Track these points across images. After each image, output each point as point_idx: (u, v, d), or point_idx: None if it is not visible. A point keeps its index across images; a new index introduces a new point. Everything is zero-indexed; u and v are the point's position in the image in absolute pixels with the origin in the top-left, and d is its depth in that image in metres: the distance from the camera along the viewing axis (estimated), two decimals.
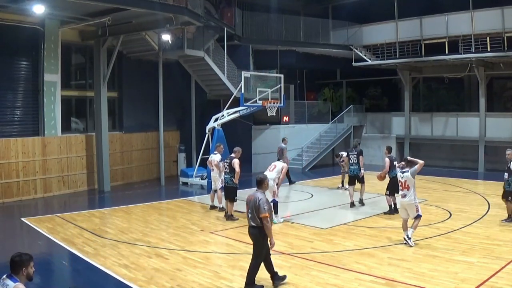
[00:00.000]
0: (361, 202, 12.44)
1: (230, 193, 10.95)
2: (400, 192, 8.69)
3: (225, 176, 11.04)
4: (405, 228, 8.64)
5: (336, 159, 15.86)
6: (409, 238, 8.50)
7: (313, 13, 22.66)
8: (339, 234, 9.55)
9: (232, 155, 11.10)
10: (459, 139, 20.00)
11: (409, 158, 9.00)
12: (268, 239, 6.39)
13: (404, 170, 8.69)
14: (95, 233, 9.88)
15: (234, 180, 10.84)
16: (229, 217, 10.98)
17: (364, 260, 7.79)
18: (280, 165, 10.92)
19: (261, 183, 6.61)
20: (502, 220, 10.15)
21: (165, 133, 17.77)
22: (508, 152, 10.03)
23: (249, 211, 6.45)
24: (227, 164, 10.97)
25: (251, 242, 6.62)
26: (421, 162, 8.57)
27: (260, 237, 6.37)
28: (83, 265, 7.84)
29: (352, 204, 12.17)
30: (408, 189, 8.50)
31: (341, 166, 15.32)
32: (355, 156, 12.32)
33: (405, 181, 8.53)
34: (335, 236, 9.27)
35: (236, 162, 10.84)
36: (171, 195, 15.09)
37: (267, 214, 6.25)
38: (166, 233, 9.91)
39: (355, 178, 12.38)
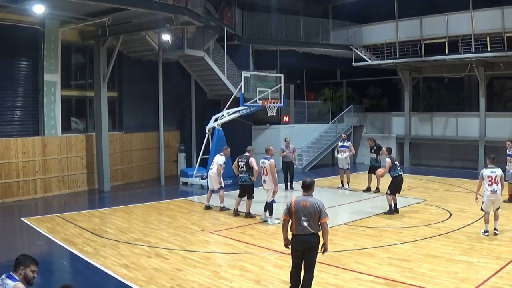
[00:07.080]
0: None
1: (248, 192, 11.12)
2: (489, 188, 9.10)
3: (242, 175, 11.16)
4: (489, 221, 9.12)
5: (336, 155, 15.81)
6: (496, 229, 9.14)
7: (313, 13, 22.64)
8: (339, 234, 9.53)
9: (247, 154, 11.24)
10: (459, 139, 19.99)
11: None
12: (321, 244, 5.98)
13: (491, 167, 9.21)
14: (95, 233, 9.88)
15: (252, 178, 11.04)
16: (248, 214, 11.09)
17: (364, 260, 7.79)
18: (266, 162, 10.73)
19: (310, 187, 6.25)
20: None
21: (165, 133, 17.75)
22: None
23: (304, 218, 5.86)
24: (244, 163, 11.09)
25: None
26: None
27: (317, 245, 5.91)
28: (83, 265, 7.84)
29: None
30: (497, 184, 9.13)
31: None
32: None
33: (495, 176, 9.12)
34: (335, 236, 9.24)
35: (253, 161, 11.02)
36: (171, 195, 15.07)
37: (329, 218, 6.01)
38: (166, 233, 9.90)
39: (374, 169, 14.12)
